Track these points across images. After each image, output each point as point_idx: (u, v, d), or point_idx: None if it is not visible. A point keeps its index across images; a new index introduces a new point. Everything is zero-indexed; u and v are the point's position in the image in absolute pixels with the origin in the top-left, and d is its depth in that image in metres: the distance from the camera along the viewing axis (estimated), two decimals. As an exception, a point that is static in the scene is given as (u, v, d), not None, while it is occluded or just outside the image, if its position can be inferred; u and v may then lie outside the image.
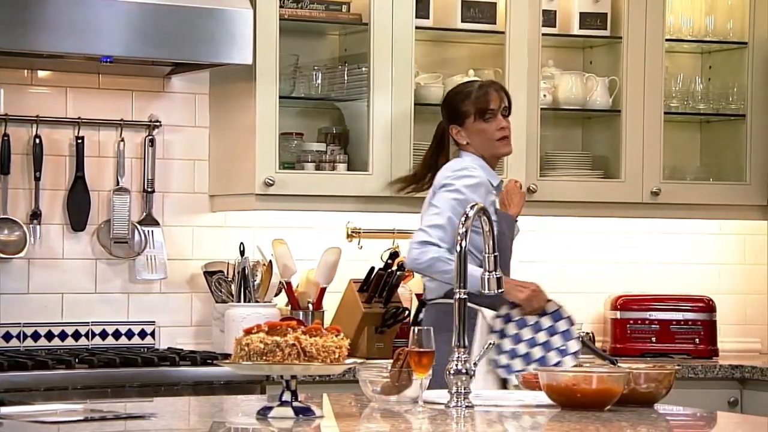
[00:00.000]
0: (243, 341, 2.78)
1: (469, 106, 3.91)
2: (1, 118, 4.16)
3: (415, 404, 2.91)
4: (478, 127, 3.90)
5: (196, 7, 3.98)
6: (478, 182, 3.83)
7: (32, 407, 2.84)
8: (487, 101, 3.90)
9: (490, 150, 3.92)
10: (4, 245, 4.13)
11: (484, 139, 3.90)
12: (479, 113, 3.90)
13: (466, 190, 3.81)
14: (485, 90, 3.93)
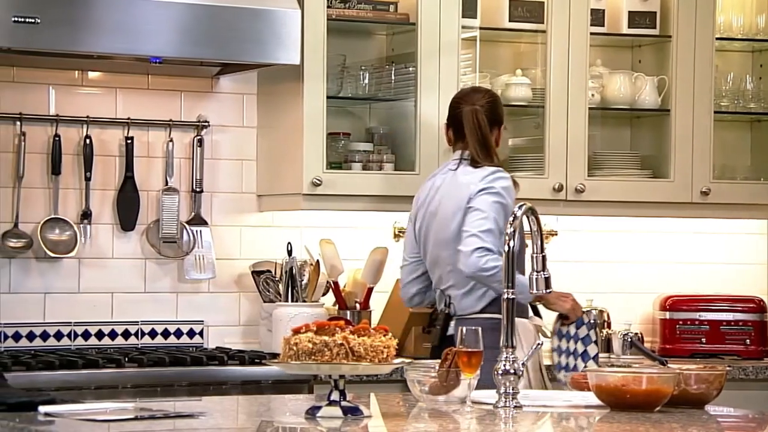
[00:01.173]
0: (291, 341, 2.79)
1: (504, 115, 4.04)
2: (52, 119, 4.20)
3: (463, 404, 2.90)
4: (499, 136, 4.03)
5: (244, 8, 4.00)
6: (510, 185, 3.88)
7: (83, 406, 2.86)
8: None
9: (500, 156, 4.03)
10: (55, 245, 4.17)
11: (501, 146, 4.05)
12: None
13: (505, 193, 3.84)
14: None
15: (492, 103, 4.00)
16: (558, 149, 4.53)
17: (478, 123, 3.95)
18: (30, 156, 4.16)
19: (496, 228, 3.78)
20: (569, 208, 4.57)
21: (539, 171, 4.55)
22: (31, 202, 4.17)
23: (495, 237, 3.77)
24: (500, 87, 4.60)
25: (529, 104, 4.60)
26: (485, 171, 3.89)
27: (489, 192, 3.83)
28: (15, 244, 4.13)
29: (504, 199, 3.83)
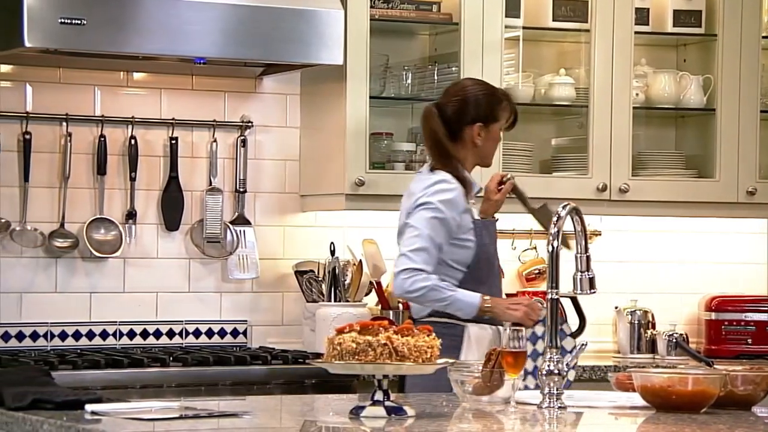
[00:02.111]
0: (335, 340, 2.79)
1: (505, 113, 3.74)
2: (97, 120, 4.23)
3: (507, 405, 2.90)
4: (496, 134, 3.75)
5: (288, 8, 4.01)
6: (454, 197, 3.66)
7: (129, 404, 2.88)
8: (516, 116, 3.79)
9: (487, 159, 3.80)
10: (101, 245, 4.20)
11: (491, 146, 3.77)
12: (511, 122, 3.78)
13: (443, 206, 3.65)
14: (513, 103, 3.81)
15: (460, 102, 3.72)
16: (602, 149, 4.51)
17: (429, 127, 3.76)
18: (76, 156, 4.20)
19: (431, 245, 3.60)
20: (613, 208, 4.54)
21: (583, 171, 4.53)
22: (77, 202, 4.21)
23: (429, 255, 3.60)
24: (544, 87, 4.58)
25: (573, 104, 4.58)
26: (430, 180, 3.69)
27: (426, 207, 3.64)
28: (61, 244, 4.17)
29: (441, 213, 3.63)
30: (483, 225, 3.75)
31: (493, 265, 3.75)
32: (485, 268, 3.71)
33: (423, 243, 3.61)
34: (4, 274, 4.12)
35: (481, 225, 3.74)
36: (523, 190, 3.90)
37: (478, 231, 3.70)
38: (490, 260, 3.73)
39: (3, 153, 4.10)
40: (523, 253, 4.67)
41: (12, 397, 2.84)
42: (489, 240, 3.75)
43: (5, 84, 4.14)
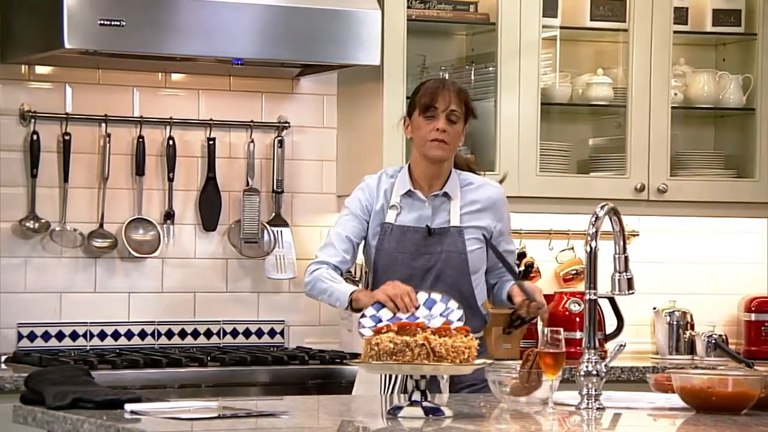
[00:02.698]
0: (373, 341, 2.79)
1: (419, 99, 3.51)
2: (136, 121, 4.25)
3: (545, 405, 2.89)
4: (417, 123, 3.51)
5: (325, 9, 4.02)
6: (363, 185, 3.55)
7: (167, 404, 2.90)
8: (433, 98, 3.48)
9: (422, 150, 3.51)
10: (139, 245, 4.23)
11: (419, 137, 3.50)
12: (423, 109, 3.49)
13: (347, 202, 3.56)
14: (437, 87, 3.50)
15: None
16: (640, 149, 4.49)
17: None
18: (115, 157, 4.22)
19: (338, 238, 3.50)
20: (651, 208, 4.52)
21: (621, 171, 4.51)
22: (115, 202, 4.23)
23: (333, 248, 3.50)
24: (581, 86, 4.57)
25: (611, 104, 4.56)
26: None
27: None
28: (100, 244, 4.20)
29: (345, 209, 3.56)
30: (393, 229, 3.51)
31: (395, 273, 3.43)
32: (388, 273, 3.44)
33: (329, 238, 3.55)
34: (44, 274, 4.15)
35: (390, 228, 3.51)
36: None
37: (382, 233, 3.50)
38: (394, 266, 3.48)
39: (43, 154, 4.14)
40: (561, 254, 4.66)
41: (53, 397, 2.86)
42: (395, 245, 3.50)
43: (45, 85, 4.17)
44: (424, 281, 3.46)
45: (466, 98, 3.54)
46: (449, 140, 3.48)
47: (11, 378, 3.65)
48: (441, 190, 3.52)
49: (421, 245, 3.50)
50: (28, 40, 3.98)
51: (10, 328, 4.10)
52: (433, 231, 3.50)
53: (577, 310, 4.50)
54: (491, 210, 3.57)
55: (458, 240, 3.50)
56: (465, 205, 3.54)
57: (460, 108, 3.50)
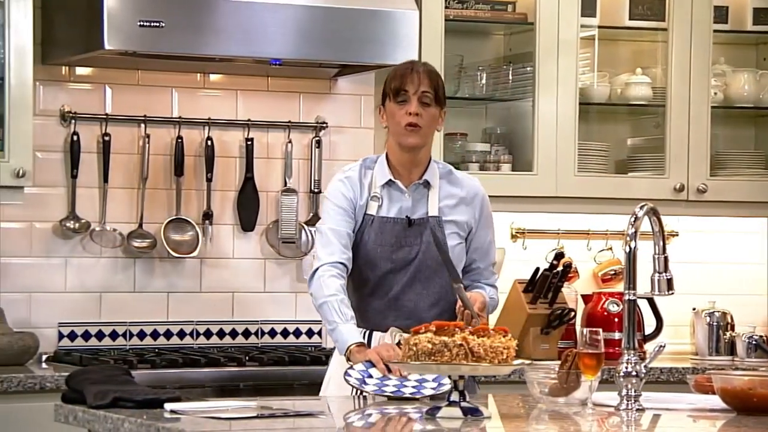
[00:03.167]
0: (411, 341, 2.79)
1: (389, 84, 3.35)
2: (175, 121, 4.27)
3: (583, 406, 2.88)
4: (390, 110, 3.34)
5: (362, 9, 4.02)
6: (335, 186, 3.40)
7: (206, 403, 2.91)
8: (403, 81, 3.31)
9: (396, 138, 3.34)
10: (178, 245, 4.25)
11: (394, 123, 3.33)
12: (394, 93, 3.32)
13: (330, 196, 3.39)
14: (407, 69, 3.34)
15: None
16: (679, 149, 4.47)
17: None
18: (154, 158, 4.25)
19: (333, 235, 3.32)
20: (691, 208, 4.50)
21: (660, 171, 4.49)
22: (154, 203, 4.26)
23: (331, 245, 3.31)
24: (620, 86, 4.55)
25: (650, 103, 4.54)
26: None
27: (325, 194, 3.46)
28: (139, 245, 4.22)
29: (328, 203, 3.38)
30: (373, 221, 3.36)
31: (376, 266, 3.35)
32: (368, 266, 3.35)
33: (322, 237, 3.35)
34: (85, 274, 4.18)
35: (371, 220, 3.36)
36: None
37: (363, 226, 3.36)
38: (375, 259, 3.35)
39: (83, 154, 4.16)
40: (599, 254, 4.64)
41: (93, 396, 2.88)
42: (374, 237, 3.35)
43: (85, 86, 4.20)
44: (404, 273, 3.34)
45: (438, 79, 3.35)
46: (423, 124, 3.31)
47: (52, 377, 3.68)
48: (421, 179, 3.37)
49: (401, 237, 3.35)
50: (69, 42, 4.01)
51: (50, 327, 4.13)
52: (413, 222, 3.36)
53: (615, 311, 4.48)
54: (471, 205, 3.41)
55: (438, 230, 3.36)
56: (444, 197, 3.39)
57: (432, 89, 3.32)
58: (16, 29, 3.82)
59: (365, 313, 3.36)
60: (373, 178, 3.38)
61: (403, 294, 3.36)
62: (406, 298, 3.35)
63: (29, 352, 3.94)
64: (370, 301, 3.36)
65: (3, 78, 3.83)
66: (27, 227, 4.13)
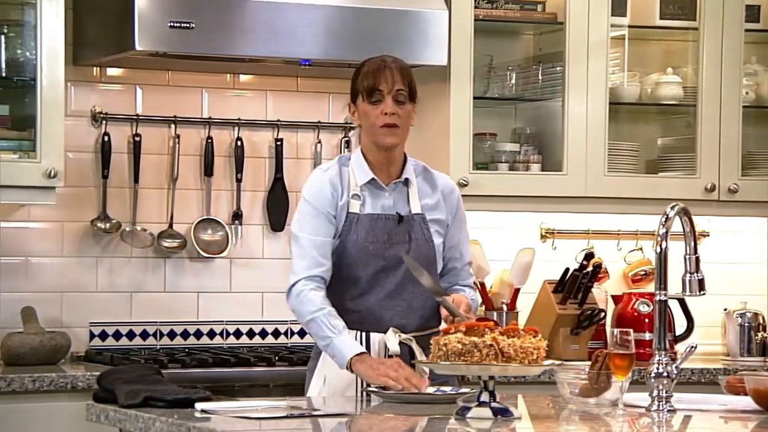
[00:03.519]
0: (441, 341, 2.79)
1: (360, 82, 3.26)
2: (205, 122, 4.29)
3: (614, 407, 2.87)
4: (364, 109, 3.25)
5: (392, 10, 4.02)
6: (323, 177, 3.26)
7: (237, 403, 2.92)
8: (377, 79, 3.23)
9: (372, 137, 3.25)
10: (208, 245, 4.26)
11: (369, 124, 3.24)
12: (367, 93, 3.23)
13: (310, 198, 3.25)
14: (378, 67, 3.26)
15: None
16: (710, 149, 4.44)
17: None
18: (184, 158, 4.26)
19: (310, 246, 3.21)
20: (722, 208, 4.48)
21: (690, 171, 4.47)
22: (184, 203, 4.27)
23: (309, 258, 3.20)
24: (650, 86, 4.53)
25: (680, 103, 4.52)
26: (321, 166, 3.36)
27: (300, 202, 3.28)
28: (170, 245, 4.24)
29: (307, 206, 3.24)
30: (359, 218, 3.25)
31: (368, 264, 3.24)
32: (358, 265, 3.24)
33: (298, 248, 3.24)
34: (115, 273, 4.20)
35: (356, 218, 3.25)
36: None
37: (347, 225, 3.24)
38: (365, 257, 3.24)
39: (114, 155, 4.18)
40: (629, 254, 4.63)
41: (125, 395, 2.89)
42: (365, 234, 3.24)
43: (116, 87, 4.22)
44: (397, 270, 3.24)
45: (410, 75, 3.28)
46: (400, 123, 3.25)
47: (84, 377, 3.70)
48: (400, 177, 3.29)
49: (393, 234, 3.26)
50: (100, 43, 4.03)
51: (82, 327, 4.15)
52: (403, 218, 3.27)
53: (645, 311, 4.46)
54: (447, 203, 3.33)
55: (424, 227, 3.28)
56: (423, 196, 3.32)
57: (406, 86, 3.25)
58: (48, 30, 3.85)
59: (358, 313, 3.25)
60: (351, 175, 3.28)
61: (397, 292, 3.26)
62: (401, 296, 3.27)
63: (61, 351, 3.96)
64: (362, 301, 3.26)
65: (35, 79, 3.85)
66: (58, 227, 4.15)
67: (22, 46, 3.90)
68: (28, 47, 3.89)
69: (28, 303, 4.05)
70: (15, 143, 3.89)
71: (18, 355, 3.89)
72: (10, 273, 4.09)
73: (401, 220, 3.28)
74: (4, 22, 3.93)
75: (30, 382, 3.66)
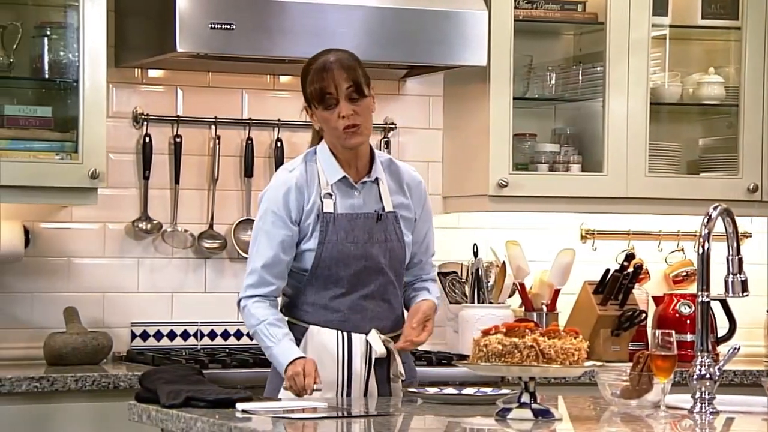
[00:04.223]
0: (481, 342, 2.79)
1: (308, 89, 3.13)
2: (245, 123, 4.30)
3: (656, 409, 2.85)
4: (321, 115, 3.14)
5: (431, 10, 4.02)
6: (288, 180, 3.15)
7: (278, 403, 2.93)
8: (323, 84, 3.08)
9: (337, 140, 3.14)
10: (248, 246, 4.26)
11: (330, 128, 3.13)
12: (318, 100, 3.11)
13: (271, 203, 3.13)
14: (322, 68, 3.10)
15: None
16: (753, 149, 4.41)
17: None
18: (224, 159, 4.28)
19: (250, 260, 3.15)
20: (764, 209, 4.44)
21: (732, 171, 4.44)
22: (225, 203, 4.29)
23: (262, 274, 3.12)
24: (692, 86, 4.50)
25: (722, 103, 4.49)
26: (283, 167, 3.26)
27: (259, 212, 3.18)
28: (210, 245, 4.25)
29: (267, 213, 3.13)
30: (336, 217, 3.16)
31: (349, 265, 3.16)
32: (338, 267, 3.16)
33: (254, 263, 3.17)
34: (157, 274, 4.22)
35: (332, 218, 3.15)
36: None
37: (324, 225, 3.14)
38: (345, 258, 3.15)
39: (155, 156, 4.21)
40: (670, 255, 4.60)
41: (166, 395, 2.91)
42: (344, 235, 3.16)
43: (158, 88, 4.24)
44: (378, 270, 3.17)
45: (356, 69, 3.11)
46: (361, 120, 3.10)
47: (125, 376, 3.72)
48: (369, 174, 3.19)
49: (373, 232, 3.17)
50: (141, 45, 4.05)
51: (123, 327, 4.18)
52: (381, 216, 3.18)
53: (687, 313, 4.44)
54: (414, 196, 3.26)
55: (396, 226, 3.20)
56: (393, 192, 3.23)
57: (354, 82, 3.09)
58: (90, 32, 3.87)
59: (340, 312, 3.18)
60: (321, 174, 3.17)
61: (378, 293, 3.19)
62: (382, 297, 3.21)
63: (103, 351, 3.99)
64: (344, 300, 3.17)
65: (77, 81, 3.88)
66: (100, 228, 4.18)
67: (65, 48, 3.94)
68: (70, 49, 3.92)
69: (70, 303, 4.08)
70: (57, 145, 3.92)
71: (61, 355, 3.92)
72: (52, 273, 4.13)
73: (380, 218, 3.19)
74: (47, 25, 3.96)
75: (72, 382, 3.69)
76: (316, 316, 3.19)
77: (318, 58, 3.17)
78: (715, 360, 2.93)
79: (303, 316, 3.20)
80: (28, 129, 3.92)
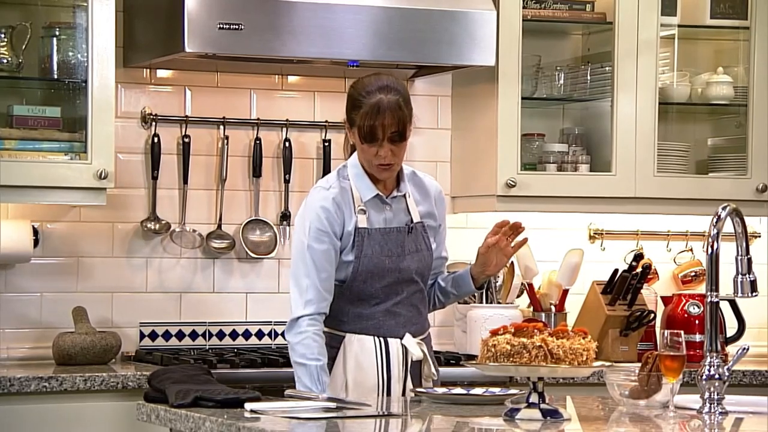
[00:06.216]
0: (489, 342, 2.79)
1: (358, 120, 3.22)
2: (253, 123, 4.31)
3: (665, 409, 2.85)
4: (360, 145, 3.25)
5: (440, 10, 4.02)
6: (328, 197, 3.25)
7: (286, 403, 2.93)
8: (373, 125, 3.20)
9: (368, 167, 3.29)
10: (256, 246, 4.28)
11: (365, 158, 3.26)
12: (363, 136, 3.22)
13: (316, 219, 3.23)
14: (377, 110, 3.19)
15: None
16: (762, 149, 4.40)
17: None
18: (232, 159, 4.28)
19: (304, 277, 3.22)
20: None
21: (741, 171, 4.43)
22: (233, 204, 4.29)
23: (302, 290, 3.22)
24: (700, 86, 4.50)
25: (731, 103, 4.48)
26: (318, 185, 3.35)
27: (299, 229, 3.26)
28: (218, 245, 4.26)
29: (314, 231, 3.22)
30: (371, 232, 3.28)
31: (384, 277, 3.28)
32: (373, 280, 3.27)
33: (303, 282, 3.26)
34: (165, 274, 4.23)
35: (367, 232, 3.27)
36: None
37: (359, 240, 3.26)
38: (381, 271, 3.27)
39: (164, 156, 4.21)
40: (679, 255, 4.59)
41: (175, 395, 2.91)
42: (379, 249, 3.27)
43: (166, 89, 4.25)
44: (409, 280, 3.30)
45: (405, 115, 3.22)
46: (396, 161, 3.26)
47: (134, 376, 3.73)
48: (398, 190, 3.32)
49: (405, 245, 3.30)
50: (150, 45, 4.06)
51: (132, 327, 4.18)
52: (412, 229, 3.32)
53: (696, 313, 4.43)
54: (437, 205, 3.39)
55: (425, 236, 3.35)
56: (418, 203, 3.36)
57: (401, 125, 3.22)
58: (99, 33, 3.88)
59: (374, 320, 3.29)
60: (354, 190, 3.29)
61: (407, 299, 3.32)
62: (410, 302, 3.32)
63: (112, 351, 3.99)
64: (378, 308, 3.29)
65: (86, 81, 3.89)
66: (109, 228, 4.19)
67: (74, 48, 3.94)
68: (79, 49, 3.92)
69: (79, 303, 4.08)
70: (66, 145, 3.93)
71: (69, 355, 3.92)
72: (61, 273, 4.13)
73: (411, 230, 3.33)
74: (56, 25, 3.97)
75: (81, 382, 3.70)
76: (352, 325, 3.30)
77: (372, 92, 3.24)
78: (724, 360, 2.93)
79: (339, 326, 3.30)
80: (37, 129, 3.93)
